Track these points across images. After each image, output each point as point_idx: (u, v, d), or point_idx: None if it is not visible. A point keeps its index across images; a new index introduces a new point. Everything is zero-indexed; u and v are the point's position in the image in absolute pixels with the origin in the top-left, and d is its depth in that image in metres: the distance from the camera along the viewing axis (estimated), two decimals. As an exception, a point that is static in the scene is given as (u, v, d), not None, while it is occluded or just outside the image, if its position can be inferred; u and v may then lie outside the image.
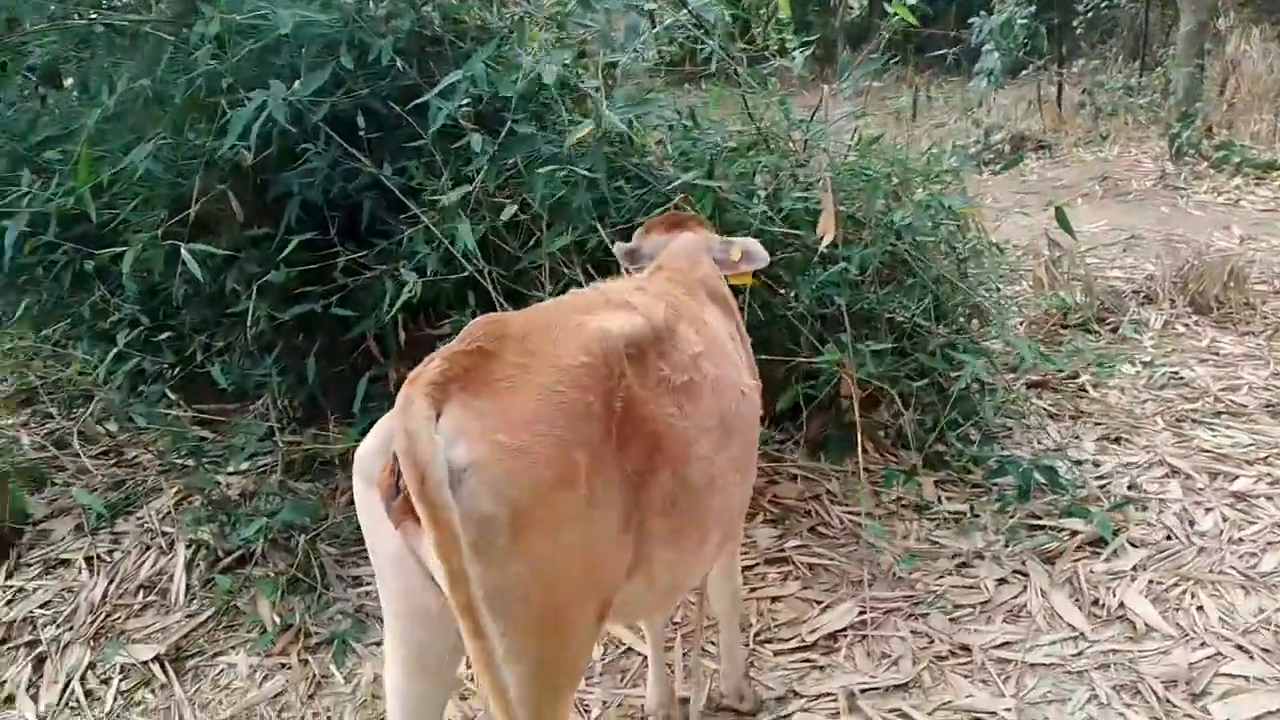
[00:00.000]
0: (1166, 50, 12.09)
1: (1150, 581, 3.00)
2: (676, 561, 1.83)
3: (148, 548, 3.33)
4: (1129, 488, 3.55)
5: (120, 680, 2.85)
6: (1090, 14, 14.17)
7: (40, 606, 3.14)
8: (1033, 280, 5.53)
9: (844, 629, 2.89)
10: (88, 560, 3.31)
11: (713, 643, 2.75)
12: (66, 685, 2.83)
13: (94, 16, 3.54)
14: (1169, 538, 3.23)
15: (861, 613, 2.94)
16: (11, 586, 3.24)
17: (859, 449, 3.16)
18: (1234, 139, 9.25)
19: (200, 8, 3.21)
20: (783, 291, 3.36)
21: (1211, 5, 10.42)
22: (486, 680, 1.38)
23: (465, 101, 3.08)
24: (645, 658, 2.78)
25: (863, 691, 2.63)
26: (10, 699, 2.80)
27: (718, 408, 1.90)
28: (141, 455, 3.87)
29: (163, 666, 2.88)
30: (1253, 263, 5.91)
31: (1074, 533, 3.23)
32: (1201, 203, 7.86)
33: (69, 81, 4.15)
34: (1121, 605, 2.91)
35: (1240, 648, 2.68)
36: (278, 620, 2.97)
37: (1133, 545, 3.19)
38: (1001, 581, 3.07)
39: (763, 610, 2.99)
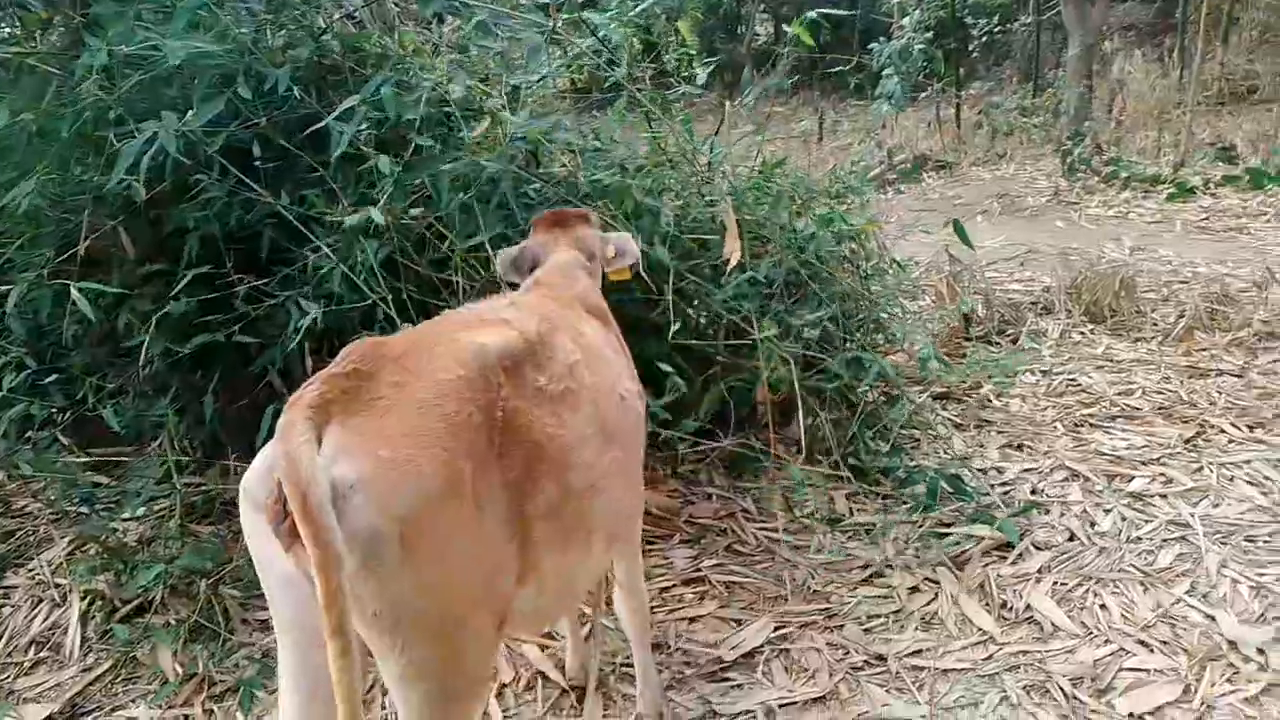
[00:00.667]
0: (1057, 72, 12.64)
1: (1055, 583, 3.08)
2: (565, 566, 1.86)
3: (39, 601, 3.17)
4: (1031, 492, 3.65)
5: (10, 743, 2.70)
6: (985, 38, 14.75)
7: (-78, 669, 2.97)
8: (934, 295, 5.69)
9: (761, 645, 2.90)
10: (-27, 617, 3.14)
11: (627, 664, 2.73)
12: (-49, 752, 2.68)
13: (-25, 49, 3.41)
14: (1071, 539, 3.33)
15: (778, 628, 2.96)
16: (-110, 649, 3.06)
17: (772, 450, 3.20)
18: (1122, 155, 9.70)
19: (86, 39, 3.11)
20: (694, 307, 3.39)
21: (1097, 29, 10.94)
22: (345, 709, 1.37)
23: (364, 125, 3.05)
24: (564, 689, 2.76)
25: (781, 706, 2.64)
26: (-111, 770, 2.64)
27: (597, 414, 1.94)
28: (31, 504, 3.69)
29: (57, 725, 2.74)
30: (1142, 272, 6.18)
31: (980, 539, 3.30)
32: (1094, 216, 8.21)
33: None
34: (1029, 607, 2.98)
35: (1141, 642, 2.77)
36: (180, 669, 2.85)
37: (1037, 548, 3.28)
38: (913, 590, 3.12)
39: (680, 631, 2.99)
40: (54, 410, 3.42)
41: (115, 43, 3.07)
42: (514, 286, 2.51)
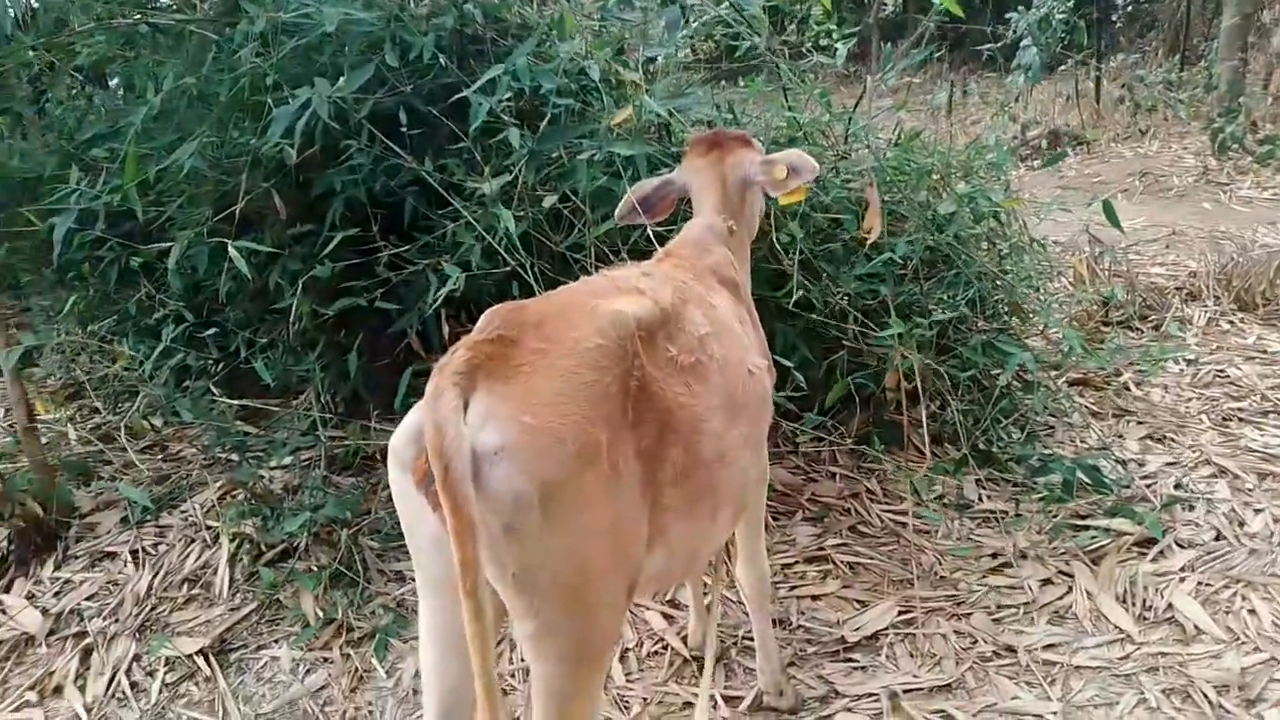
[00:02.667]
0: (1208, 44, 11.90)
1: (1199, 583, 2.95)
2: (692, 533, 1.88)
3: (192, 541, 3.36)
4: (1175, 487, 3.49)
5: (165, 672, 2.88)
6: (1130, 8, 13.99)
7: (87, 599, 3.19)
8: (1073, 277, 5.46)
9: (885, 628, 2.86)
10: (133, 553, 3.35)
11: (749, 638, 2.74)
12: (113, 677, 2.87)
13: (139, 16, 3.58)
14: (1218, 539, 3.18)
15: (903, 612, 2.92)
16: (59, 579, 3.29)
17: (907, 436, 3.13)
18: (1279, 134, 9.07)
19: (244, 6, 3.23)
20: (825, 283, 3.34)
21: (1256, -1, 10.25)
22: (479, 665, 1.41)
23: (507, 96, 3.09)
24: (686, 659, 2.79)
25: (906, 692, 2.61)
26: (59, 689, 2.85)
27: (725, 387, 1.94)
28: (186, 450, 3.92)
29: (207, 659, 2.91)
30: (1300, 260, 5.79)
31: (1120, 533, 3.17)
32: (1245, 198, 7.74)
33: (115, 81, 4.21)
34: (1170, 607, 2.86)
35: (1295, 652, 2.63)
36: (320, 614, 2.99)
37: (1180, 546, 3.14)
38: (1045, 582, 3.03)
39: (803, 609, 2.98)
40: (209, 362, 3.61)
41: (271, 9, 3.18)
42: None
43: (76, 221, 3.27)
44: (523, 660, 2.75)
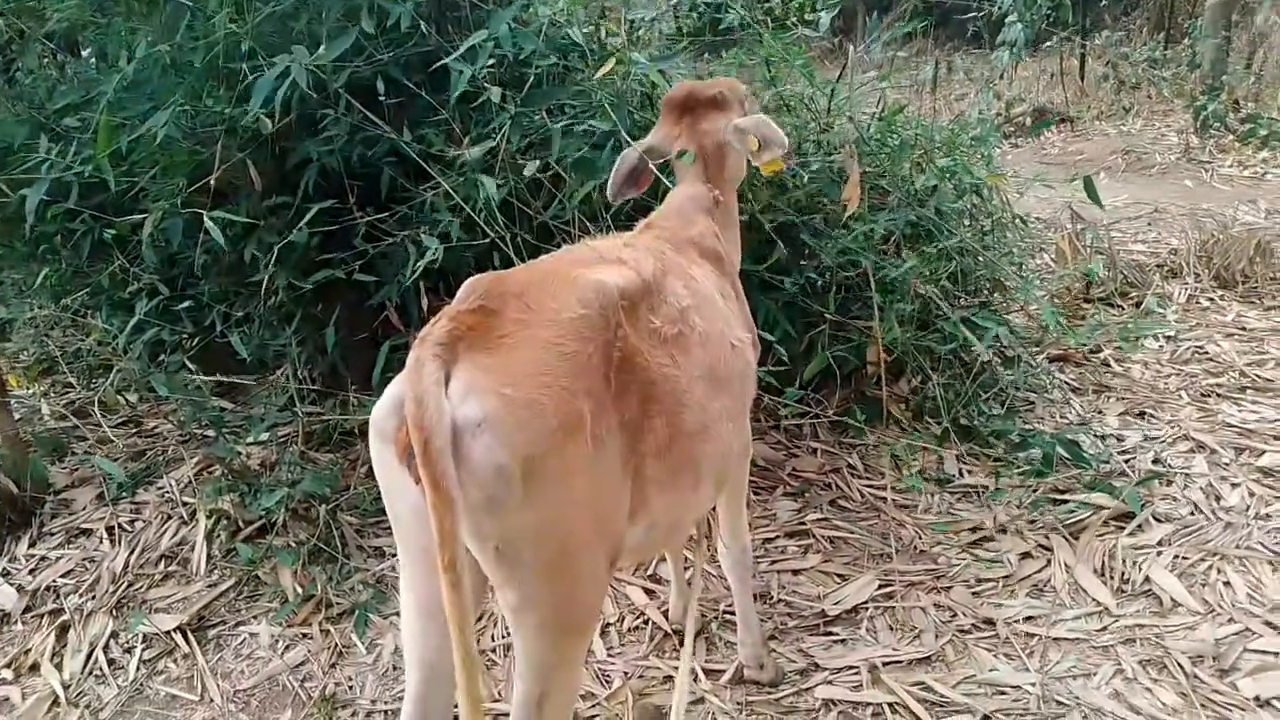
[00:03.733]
0: (1192, 22, 11.88)
1: (1176, 556, 2.97)
2: (674, 505, 1.87)
3: (168, 517, 3.33)
4: (1153, 462, 3.50)
5: (143, 649, 2.86)
6: (1114, -16, 13.93)
7: (63, 575, 3.16)
8: (1055, 253, 5.47)
9: (865, 602, 2.87)
10: (109, 530, 3.32)
11: (730, 612, 2.74)
12: (90, 654, 2.85)
13: (111, -19, 3.50)
14: (1194, 513, 3.20)
15: (883, 586, 2.92)
16: (34, 555, 3.26)
17: (886, 409, 3.13)
18: (1261, 112, 9.09)
19: (218, -29, 3.16)
20: (806, 259, 3.32)
21: (1240, -25, 10.24)
22: (458, 637, 1.40)
23: (489, 63, 3.04)
24: (667, 633, 2.79)
25: (885, 664, 2.62)
26: (35, 667, 2.82)
27: (707, 359, 1.93)
28: (161, 425, 3.88)
29: (185, 636, 2.89)
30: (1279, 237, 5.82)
31: (1098, 507, 3.19)
32: (1227, 176, 7.76)
33: (87, 49, 4.13)
34: (1147, 580, 2.88)
35: (1269, 624, 2.65)
36: (299, 590, 2.97)
37: (1158, 520, 3.15)
38: (1025, 555, 3.04)
39: (784, 583, 2.98)
40: (184, 336, 3.56)
41: (245, -25, 3.11)
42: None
43: (48, 193, 3.20)
44: (505, 635, 2.74)
